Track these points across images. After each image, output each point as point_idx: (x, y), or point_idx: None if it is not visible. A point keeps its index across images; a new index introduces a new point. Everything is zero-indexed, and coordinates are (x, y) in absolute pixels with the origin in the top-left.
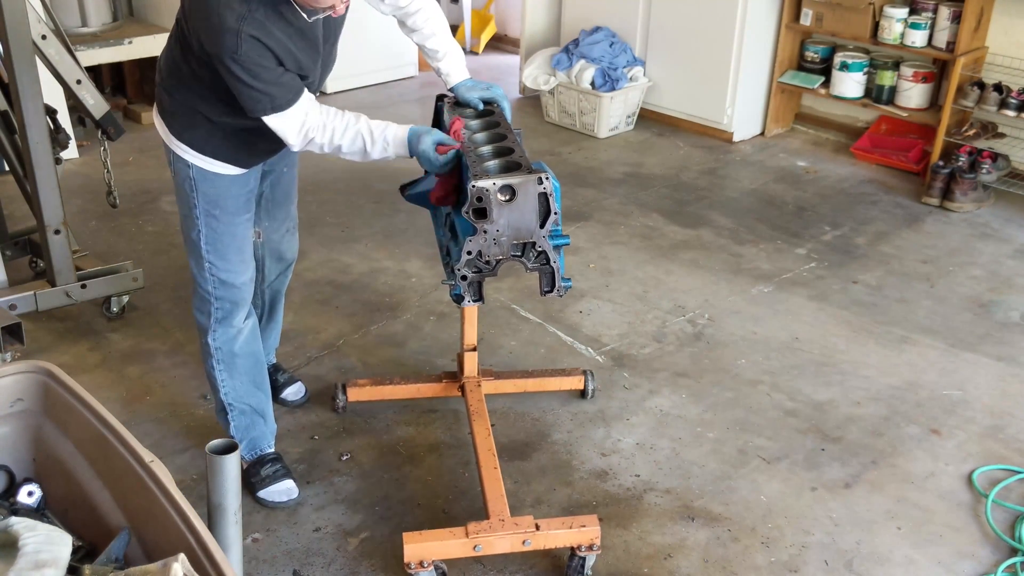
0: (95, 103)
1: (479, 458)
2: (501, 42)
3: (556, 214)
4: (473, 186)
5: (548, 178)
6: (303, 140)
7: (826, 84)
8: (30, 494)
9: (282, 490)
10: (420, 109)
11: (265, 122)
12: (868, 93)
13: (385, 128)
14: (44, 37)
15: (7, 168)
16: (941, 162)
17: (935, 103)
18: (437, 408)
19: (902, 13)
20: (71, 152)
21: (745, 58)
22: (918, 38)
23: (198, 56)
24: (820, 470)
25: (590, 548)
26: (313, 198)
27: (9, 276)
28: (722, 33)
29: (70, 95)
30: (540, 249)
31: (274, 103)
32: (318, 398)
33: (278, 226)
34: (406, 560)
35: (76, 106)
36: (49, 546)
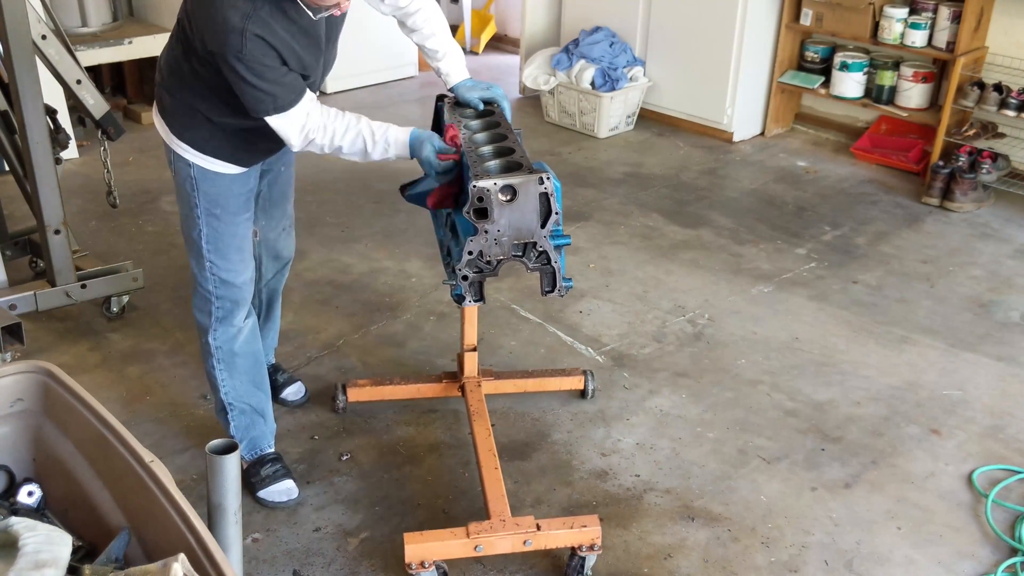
0: (95, 103)
1: (479, 458)
2: (501, 42)
3: (557, 214)
4: (474, 186)
5: (549, 178)
6: (304, 141)
7: (826, 84)
8: (30, 494)
9: (282, 490)
10: (420, 109)
11: (267, 122)
12: (868, 93)
13: (386, 130)
14: (44, 37)
15: (7, 168)
16: (941, 162)
17: (935, 103)
18: (437, 408)
19: (902, 13)
20: (71, 152)
21: (745, 58)
22: (918, 38)
23: (200, 55)
24: (820, 470)
25: (591, 548)
26: (313, 198)
27: (9, 276)
28: (722, 33)
29: (70, 95)
30: (541, 249)
31: (277, 103)
32: (318, 398)
33: (275, 225)
34: (407, 560)
35: (76, 106)
36: (49, 546)
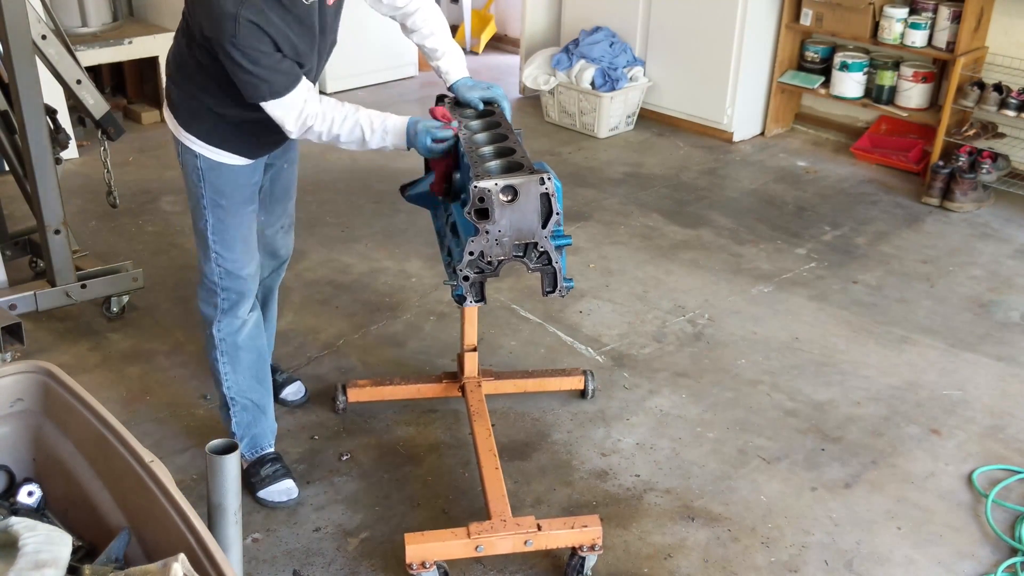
0: (95, 103)
1: (480, 458)
2: (501, 42)
3: (558, 214)
4: (475, 186)
5: (550, 178)
6: (301, 128)
7: (826, 84)
8: (30, 494)
9: (282, 490)
10: (420, 109)
11: (263, 108)
12: (868, 93)
13: (385, 119)
14: (44, 37)
15: (7, 168)
16: (941, 162)
17: (935, 103)
18: (437, 408)
19: (902, 13)
20: (71, 152)
21: (745, 58)
22: (918, 38)
23: (201, 45)
24: (820, 470)
25: (591, 548)
26: (313, 198)
27: (9, 276)
28: (722, 33)
29: (70, 95)
30: (542, 249)
31: (272, 89)
32: (318, 398)
33: (274, 222)
34: (408, 560)
35: (76, 106)
36: (49, 546)
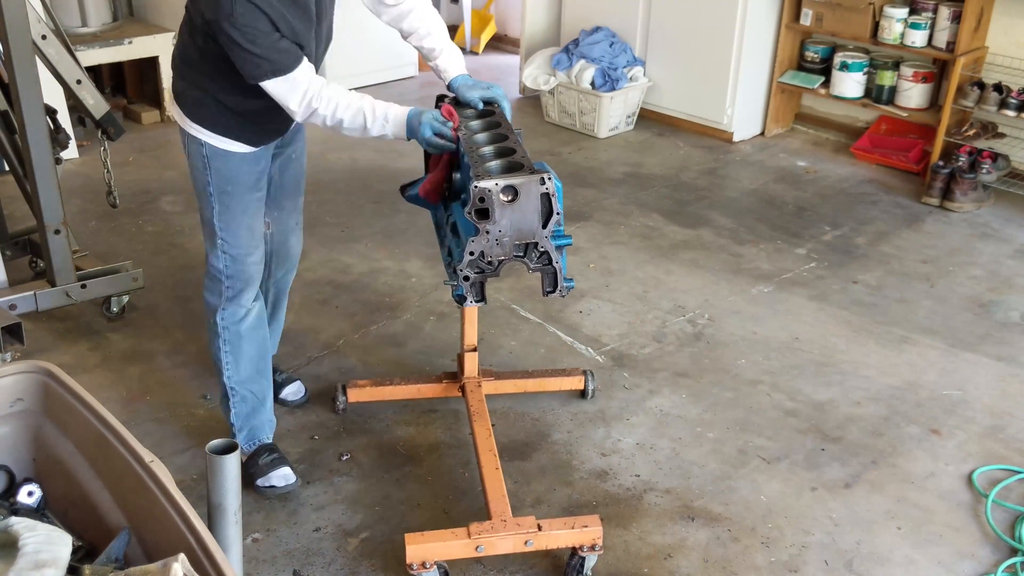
0: (95, 103)
1: (480, 458)
2: (501, 42)
3: (558, 214)
4: (476, 186)
5: (551, 178)
6: (306, 109)
7: (826, 84)
8: (30, 494)
9: (280, 475)
10: None
11: (266, 89)
12: (868, 93)
13: (388, 107)
14: (44, 37)
15: (7, 168)
16: (941, 162)
17: (935, 103)
18: (437, 408)
19: (902, 13)
20: (71, 152)
21: (745, 58)
22: (918, 38)
23: (202, 30)
24: (820, 470)
25: (592, 548)
26: (313, 198)
27: (9, 276)
28: (722, 33)
29: (70, 95)
30: (543, 249)
31: (274, 67)
32: (318, 398)
33: (286, 217)
34: (408, 560)
35: (76, 106)
36: (49, 546)
